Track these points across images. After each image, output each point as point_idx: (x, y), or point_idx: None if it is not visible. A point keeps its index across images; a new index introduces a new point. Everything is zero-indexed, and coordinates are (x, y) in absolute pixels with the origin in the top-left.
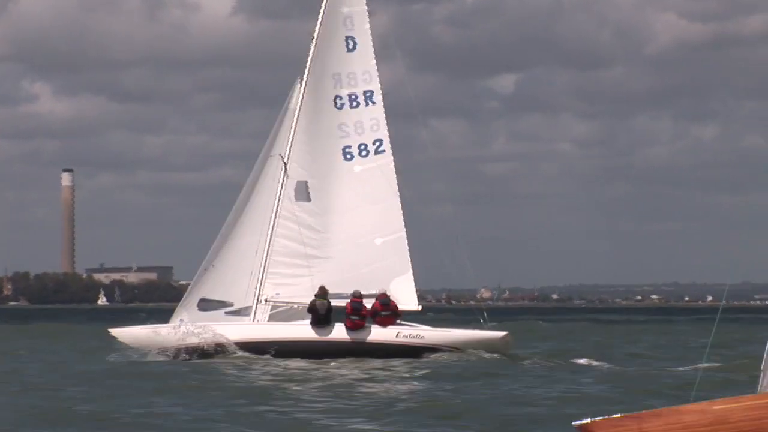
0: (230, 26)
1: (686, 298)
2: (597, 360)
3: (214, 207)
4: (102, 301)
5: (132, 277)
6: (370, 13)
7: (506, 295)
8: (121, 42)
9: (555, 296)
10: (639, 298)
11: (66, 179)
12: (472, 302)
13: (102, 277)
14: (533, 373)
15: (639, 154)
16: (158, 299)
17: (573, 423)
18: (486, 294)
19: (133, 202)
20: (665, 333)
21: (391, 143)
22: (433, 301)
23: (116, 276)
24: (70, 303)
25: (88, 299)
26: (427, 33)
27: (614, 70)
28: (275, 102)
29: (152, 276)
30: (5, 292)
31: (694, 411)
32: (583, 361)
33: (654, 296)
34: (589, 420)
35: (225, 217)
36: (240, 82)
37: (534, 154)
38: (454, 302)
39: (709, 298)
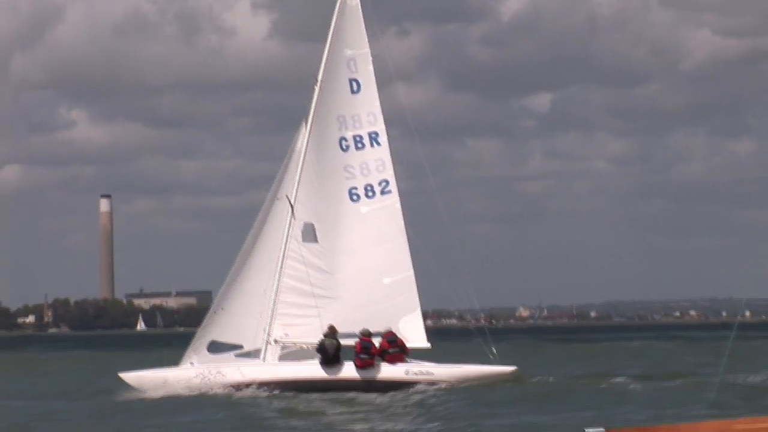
0: (265, 50)
1: (724, 314)
2: None
3: (249, 231)
4: (141, 326)
5: (171, 302)
6: (373, 55)
7: (545, 313)
8: (157, 68)
9: (593, 314)
10: (678, 314)
11: (104, 205)
12: (513, 319)
13: (142, 303)
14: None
15: (675, 170)
16: (198, 324)
17: (586, 429)
18: (525, 313)
19: (170, 226)
20: None
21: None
22: (473, 321)
23: (155, 301)
24: (110, 329)
25: (128, 324)
26: (462, 53)
27: (649, 87)
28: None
29: (191, 300)
30: (46, 319)
31: (712, 428)
32: None
33: (692, 312)
34: (602, 429)
35: None
36: (274, 106)
37: (570, 172)
38: (494, 322)
39: (747, 313)
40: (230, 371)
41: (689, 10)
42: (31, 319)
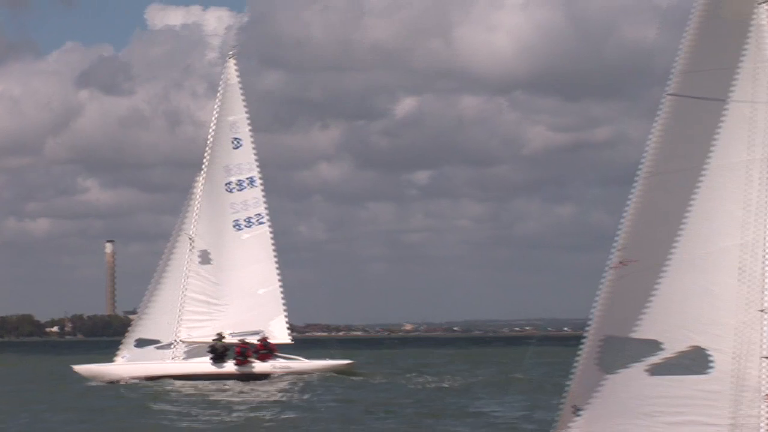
0: None
1: (551, 329)
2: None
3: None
4: None
5: None
6: (249, 119)
7: (424, 328)
8: (149, 149)
9: (457, 328)
10: (518, 329)
11: (108, 248)
12: (401, 332)
13: (135, 318)
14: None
15: (516, 227)
16: None
17: None
18: (409, 327)
19: (155, 262)
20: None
21: (269, 215)
22: (372, 332)
23: None
24: (113, 336)
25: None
26: (367, 141)
27: (500, 167)
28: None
29: None
30: (66, 329)
31: None
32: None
33: (528, 327)
34: None
35: None
36: None
37: (442, 227)
38: (386, 332)
39: (567, 329)
40: (144, 368)
41: (530, 113)
42: (55, 328)
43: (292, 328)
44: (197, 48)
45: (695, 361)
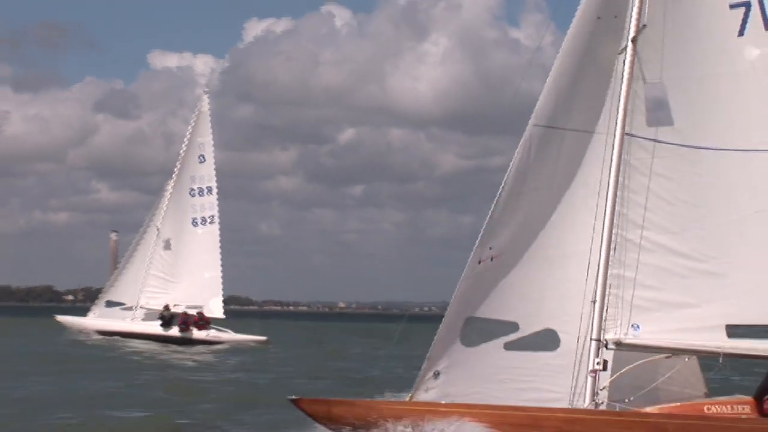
0: None
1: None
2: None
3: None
4: None
5: None
6: (213, 141)
7: (354, 306)
8: (149, 161)
9: (379, 307)
10: (426, 309)
11: (113, 236)
12: (337, 309)
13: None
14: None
15: (428, 231)
16: None
17: (288, 397)
18: (342, 305)
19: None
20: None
21: (220, 217)
22: (313, 308)
23: None
24: None
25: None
26: (317, 161)
27: (417, 184)
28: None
29: None
30: (78, 297)
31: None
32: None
33: (434, 308)
34: (297, 397)
35: None
36: None
37: (370, 229)
38: (326, 309)
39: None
40: (107, 324)
41: (442, 144)
42: (70, 297)
43: (253, 303)
44: (188, 85)
45: (546, 341)
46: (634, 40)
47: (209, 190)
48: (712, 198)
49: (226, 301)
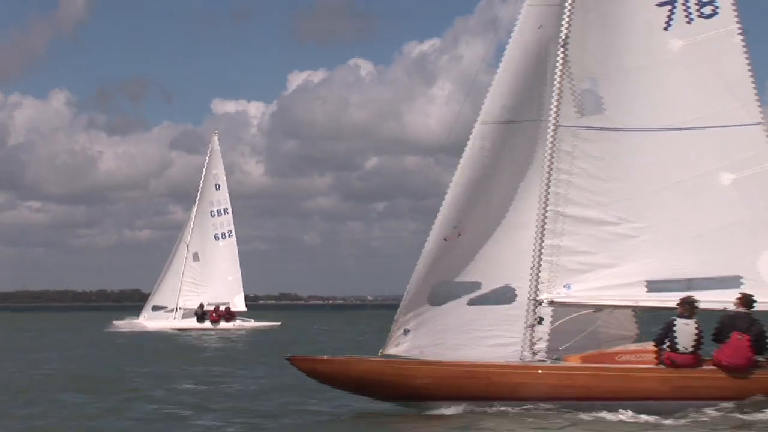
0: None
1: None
2: None
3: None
4: None
5: None
6: (225, 170)
7: (381, 298)
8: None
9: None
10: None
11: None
12: (366, 301)
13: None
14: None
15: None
16: None
17: (285, 357)
18: (371, 298)
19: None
20: None
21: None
22: (347, 301)
23: None
24: None
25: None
26: (348, 183)
27: (429, 200)
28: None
29: None
30: None
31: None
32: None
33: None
34: (292, 355)
35: None
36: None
37: (391, 237)
38: (358, 301)
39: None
40: (158, 324)
41: (447, 167)
42: None
43: (300, 298)
44: (244, 126)
45: (505, 295)
46: (564, 44)
47: (225, 210)
48: (634, 173)
49: (278, 298)
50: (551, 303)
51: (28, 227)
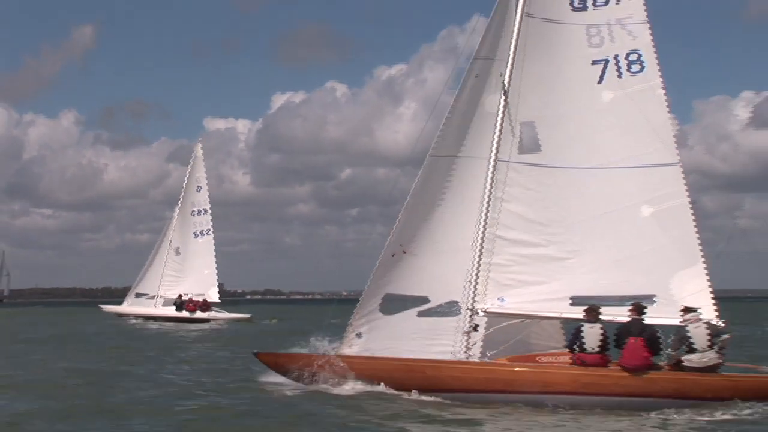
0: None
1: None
2: None
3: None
4: None
5: None
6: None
7: (353, 293)
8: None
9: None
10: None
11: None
12: (342, 296)
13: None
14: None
15: None
16: None
17: (252, 352)
18: (345, 293)
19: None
20: None
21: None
22: (324, 296)
23: None
24: None
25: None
26: (325, 192)
27: (396, 207)
28: None
29: None
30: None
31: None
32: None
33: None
34: (257, 351)
35: None
36: None
37: (363, 239)
38: (334, 296)
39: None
40: (139, 310)
41: (413, 177)
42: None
43: (283, 294)
44: (233, 141)
45: (451, 309)
46: (505, 91)
47: (205, 211)
48: (565, 204)
49: (263, 293)
50: (486, 312)
51: (40, 231)
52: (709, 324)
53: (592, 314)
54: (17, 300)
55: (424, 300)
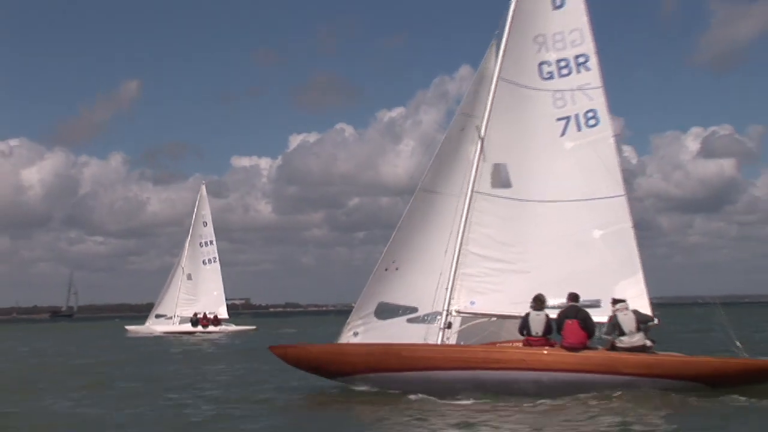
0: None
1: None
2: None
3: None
4: None
5: None
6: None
7: (343, 305)
8: (233, 223)
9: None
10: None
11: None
12: (349, 308)
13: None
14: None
15: None
16: None
17: (268, 347)
18: (353, 305)
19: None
20: None
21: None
22: (338, 307)
23: None
24: None
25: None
26: (336, 218)
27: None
28: None
29: None
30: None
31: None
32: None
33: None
34: (272, 345)
35: None
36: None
37: (369, 258)
38: (347, 308)
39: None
40: (160, 328)
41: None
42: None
43: (301, 306)
44: (256, 176)
45: (436, 318)
46: (482, 138)
47: (211, 242)
48: (530, 229)
49: (284, 306)
50: (458, 312)
51: (93, 256)
52: (636, 312)
53: (538, 303)
54: (78, 315)
55: (413, 309)
